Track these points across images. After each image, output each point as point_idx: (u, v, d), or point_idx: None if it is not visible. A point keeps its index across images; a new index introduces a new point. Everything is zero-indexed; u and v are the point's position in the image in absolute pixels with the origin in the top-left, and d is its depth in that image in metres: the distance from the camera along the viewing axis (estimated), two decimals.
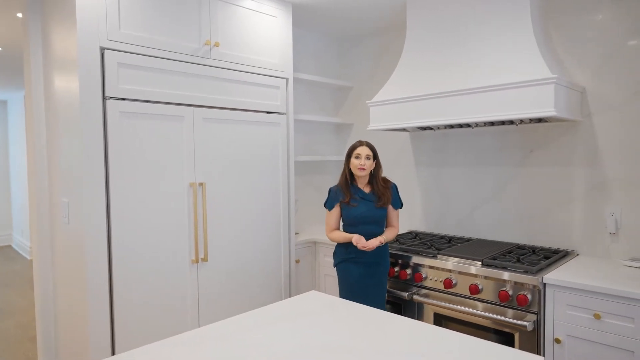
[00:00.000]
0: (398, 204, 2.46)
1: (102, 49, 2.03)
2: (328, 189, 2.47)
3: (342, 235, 2.34)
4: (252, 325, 1.46)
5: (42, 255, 2.46)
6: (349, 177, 2.39)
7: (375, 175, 2.39)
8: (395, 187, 2.45)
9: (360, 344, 1.30)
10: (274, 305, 1.66)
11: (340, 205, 2.38)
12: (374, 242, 2.25)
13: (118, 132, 2.07)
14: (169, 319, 2.27)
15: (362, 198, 2.35)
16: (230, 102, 2.51)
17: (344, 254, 2.35)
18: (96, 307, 2.02)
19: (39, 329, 2.53)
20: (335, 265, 2.41)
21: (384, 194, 2.35)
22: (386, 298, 2.54)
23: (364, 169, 2.31)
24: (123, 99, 2.10)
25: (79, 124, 1.98)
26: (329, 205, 2.42)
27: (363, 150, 2.33)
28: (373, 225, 2.34)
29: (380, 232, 2.36)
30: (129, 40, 2.10)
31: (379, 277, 2.35)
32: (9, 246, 7.26)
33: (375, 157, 2.37)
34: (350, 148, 2.38)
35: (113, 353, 2.09)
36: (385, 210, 2.39)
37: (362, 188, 2.39)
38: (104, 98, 2.04)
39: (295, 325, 1.46)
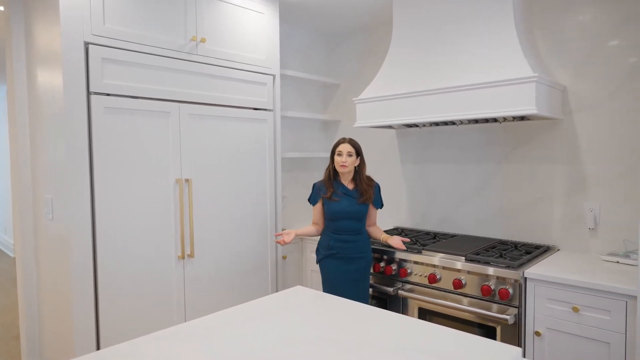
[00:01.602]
0: (379, 204, 2.52)
1: (87, 44, 2.01)
2: (313, 184, 2.53)
3: (305, 231, 2.50)
4: (237, 320, 1.47)
5: (25, 253, 2.44)
6: (332, 173, 2.45)
7: (359, 172, 2.44)
8: (378, 187, 2.51)
9: (346, 337, 1.32)
10: (259, 300, 1.68)
11: (322, 201, 2.44)
12: (398, 241, 2.42)
13: (103, 128, 2.06)
14: (155, 316, 2.27)
15: (345, 194, 2.40)
16: (216, 98, 2.50)
17: (326, 250, 2.40)
18: (81, 304, 2.01)
19: (22, 327, 2.51)
20: (318, 261, 2.46)
21: (367, 191, 2.40)
22: (371, 293, 2.58)
23: (346, 166, 2.36)
24: (108, 95, 2.08)
25: (63, 120, 1.96)
26: (312, 200, 2.49)
27: (345, 148, 2.37)
28: (352, 220, 2.39)
29: (359, 228, 2.42)
30: (114, 35, 2.09)
31: (362, 272, 2.39)
32: None
33: (359, 154, 2.42)
34: (334, 145, 2.43)
35: (98, 348, 2.08)
36: (367, 207, 2.43)
37: (345, 184, 2.44)
38: (89, 93, 2.03)
39: (279, 318, 1.47)
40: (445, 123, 2.70)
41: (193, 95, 2.39)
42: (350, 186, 2.44)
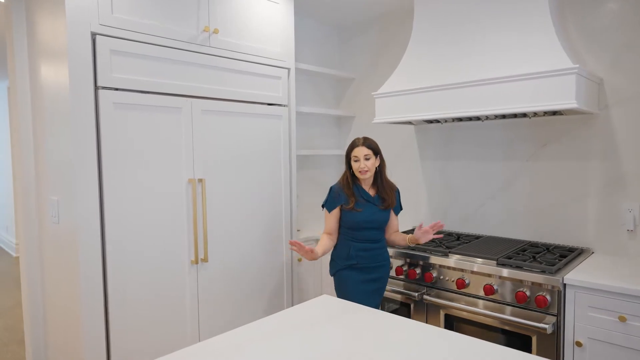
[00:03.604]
0: (399, 209, 2.34)
1: (94, 35, 1.87)
2: (329, 188, 2.26)
3: (325, 249, 2.18)
4: (259, 337, 1.34)
5: (29, 257, 2.31)
6: (350, 179, 2.20)
7: (380, 174, 2.22)
8: (398, 192, 2.32)
9: (384, 355, 1.19)
10: (283, 313, 1.54)
11: (340, 208, 2.20)
12: (427, 230, 2.21)
13: (111, 125, 1.92)
14: (168, 323, 2.14)
15: (367, 201, 2.18)
16: (230, 93, 2.36)
17: (344, 261, 2.18)
18: (90, 310, 1.88)
19: (27, 334, 2.38)
20: (334, 273, 2.24)
21: (389, 196, 2.20)
22: (393, 298, 2.45)
23: (367, 172, 2.13)
24: (116, 89, 1.94)
25: (69, 116, 1.82)
26: (328, 206, 2.22)
27: (360, 152, 2.13)
28: (376, 230, 2.20)
29: (382, 238, 2.24)
30: (123, 25, 1.94)
31: (382, 281, 2.23)
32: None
33: (377, 153, 2.17)
34: (348, 149, 2.20)
35: (108, 358, 1.95)
36: (389, 213, 2.24)
37: (366, 190, 2.21)
38: (96, 88, 1.89)
39: (306, 335, 1.34)
40: (470, 118, 2.56)
41: (205, 90, 2.25)
42: (372, 192, 2.22)
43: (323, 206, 2.26)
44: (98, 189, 1.90)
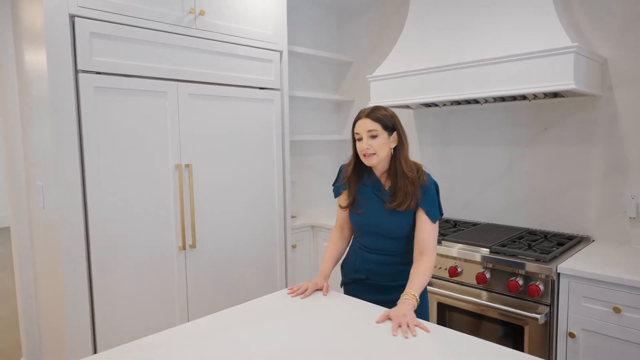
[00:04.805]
0: (436, 212, 1.53)
1: (72, 17, 1.83)
2: (339, 167, 1.72)
3: (331, 259, 1.68)
4: (244, 321, 1.31)
5: (21, 243, 2.32)
6: (354, 163, 1.60)
7: (396, 159, 1.53)
8: (434, 187, 1.56)
9: (359, 347, 1.15)
10: (263, 299, 1.51)
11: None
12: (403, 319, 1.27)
13: (92, 110, 1.89)
14: (156, 309, 2.13)
15: (376, 196, 1.57)
16: (218, 76, 2.31)
17: (352, 273, 1.66)
18: (73, 297, 1.87)
19: (21, 316, 2.41)
20: (341, 285, 1.75)
21: (407, 191, 1.49)
22: None
23: (373, 155, 1.49)
24: (98, 73, 1.91)
25: (49, 101, 1.79)
26: (335, 190, 1.71)
27: (363, 126, 1.50)
28: (390, 240, 1.56)
29: (403, 249, 1.57)
30: (103, 7, 1.90)
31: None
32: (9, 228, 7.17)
33: (390, 128, 1.51)
34: (353, 123, 1.59)
35: (94, 347, 1.95)
36: (406, 217, 1.52)
37: (379, 178, 1.58)
38: (76, 72, 1.85)
39: (281, 324, 1.30)
40: (468, 102, 2.46)
41: (192, 74, 2.20)
42: (387, 183, 1.58)
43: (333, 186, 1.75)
44: (80, 174, 1.88)
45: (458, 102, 2.50)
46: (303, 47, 3.08)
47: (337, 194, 1.70)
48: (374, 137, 1.49)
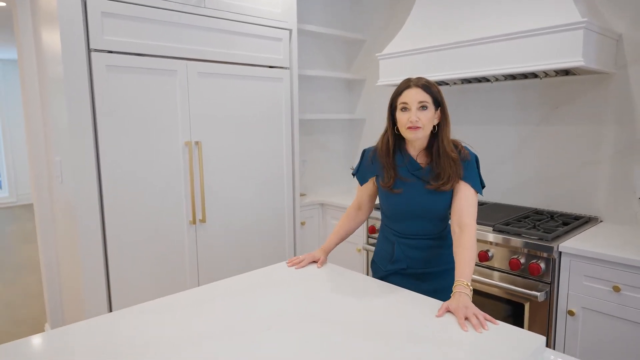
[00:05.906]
0: (478, 183, 1.48)
1: None
2: (362, 151, 1.62)
3: (336, 238, 1.64)
4: (230, 292, 1.38)
5: (43, 217, 2.45)
6: (392, 141, 1.48)
7: (438, 137, 1.45)
8: (475, 159, 1.49)
9: (345, 318, 1.20)
10: (271, 268, 1.58)
11: (376, 181, 1.56)
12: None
13: (105, 87, 1.96)
14: (168, 282, 2.23)
15: (414, 175, 1.47)
16: (227, 55, 2.35)
17: (388, 264, 1.55)
18: (90, 270, 1.98)
19: (45, 289, 2.56)
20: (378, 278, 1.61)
21: (448, 170, 1.41)
22: None
23: (419, 128, 1.38)
24: (110, 52, 1.97)
25: (63, 80, 1.87)
26: (359, 178, 1.61)
27: (414, 96, 1.38)
28: (426, 221, 1.49)
29: (440, 230, 1.51)
30: None
31: (447, 295, 1.37)
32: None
33: (436, 102, 1.42)
34: (393, 94, 1.45)
35: (110, 310, 2.07)
36: (446, 196, 1.45)
37: (415, 158, 1.48)
38: (89, 51, 1.92)
39: (274, 292, 1.37)
40: (479, 80, 2.44)
41: (202, 52, 2.25)
42: (423, 161, 1.48)
43: (354, 175, 1.66)
44: (95, 151, 1.96)
45: (469, 81, 2.48)
46: (314, 25, 3.07)
47: (363, 180, 1.60)
48: (424, 108, 1.39)
